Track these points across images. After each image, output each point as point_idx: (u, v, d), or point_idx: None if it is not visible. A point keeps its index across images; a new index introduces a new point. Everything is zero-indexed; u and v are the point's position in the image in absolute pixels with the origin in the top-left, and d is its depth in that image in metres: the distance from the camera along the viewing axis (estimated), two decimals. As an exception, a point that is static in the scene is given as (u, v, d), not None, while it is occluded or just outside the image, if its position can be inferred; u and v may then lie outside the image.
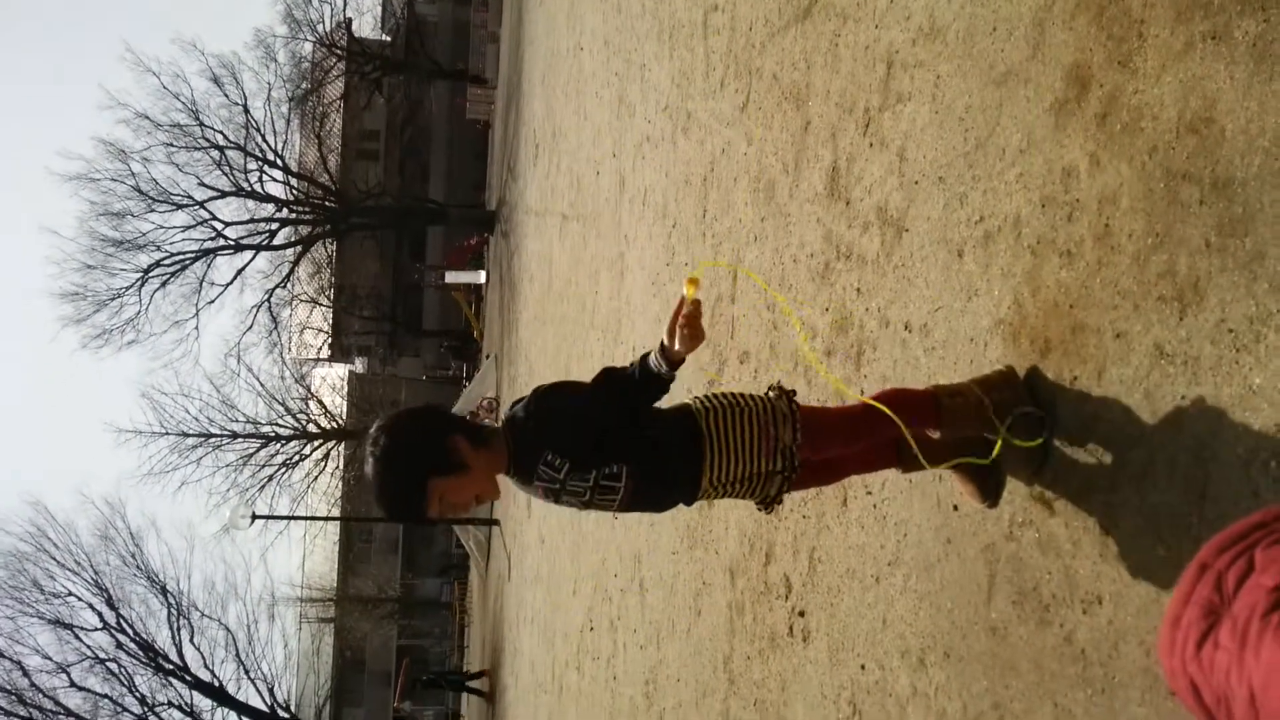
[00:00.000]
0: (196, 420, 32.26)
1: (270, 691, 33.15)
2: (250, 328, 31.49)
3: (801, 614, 3.47)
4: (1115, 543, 1.98)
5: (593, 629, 7.43)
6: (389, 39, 38.04)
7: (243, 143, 30.95)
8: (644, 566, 5.94)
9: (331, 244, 33.96)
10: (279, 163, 31.85)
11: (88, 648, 29.83)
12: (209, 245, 31.14)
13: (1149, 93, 1.97)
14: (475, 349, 30.51)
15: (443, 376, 37.80)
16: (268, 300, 31.72)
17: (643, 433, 2.19)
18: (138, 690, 30.40)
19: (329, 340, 36.45)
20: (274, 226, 32.02)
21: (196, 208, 30.66)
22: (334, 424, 35.55)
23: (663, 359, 2.08)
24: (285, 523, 30.36)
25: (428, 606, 41.51)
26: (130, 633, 30.47)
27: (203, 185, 30.46)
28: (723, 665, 4.25)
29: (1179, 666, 0.90)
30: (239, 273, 31.38)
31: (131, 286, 30.35)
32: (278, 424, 34.01)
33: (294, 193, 32.61)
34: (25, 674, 28.74)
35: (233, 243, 31.34)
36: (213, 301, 31.26)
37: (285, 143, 32.25)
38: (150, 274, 30.45)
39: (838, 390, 3.45)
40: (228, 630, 32.45)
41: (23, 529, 29.76)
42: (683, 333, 2.03)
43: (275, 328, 32.47)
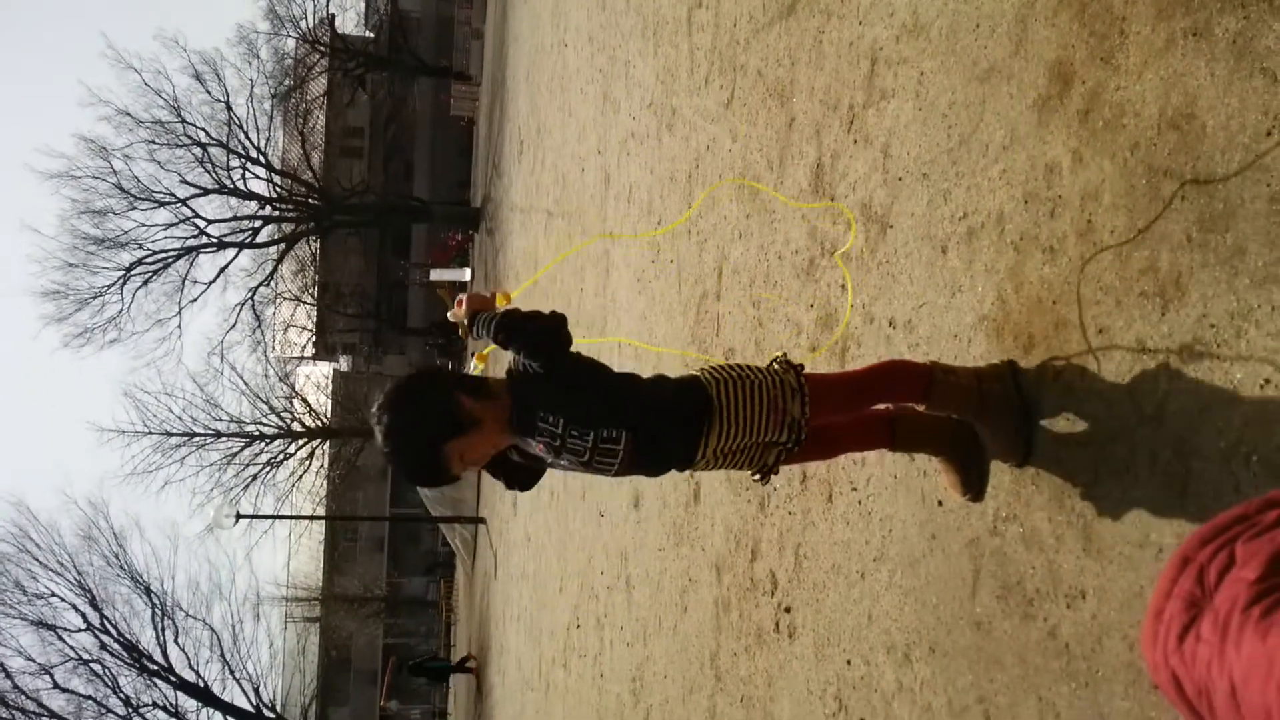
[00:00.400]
0: (180, 419, 32.00)
1: (256, 691, 33.03)
2: (233, 326, 31.28)
3: (787, 610, 3.47)
4: (1098, 537, 1.99)
5: (579, 626, 7.43)
6: (372, 35, 37.84)
7: (225, 140, 30.71)
8: (630, 564, 5.94)
9: (315, 241, 33.75)
10: (262, 160, 31.62)
11: (71, 649, 29.65)
12: (191, 243, 30.89)
13: (1131, 89, 1.98)
14: (460, 346, 30.41)
15: (428, 374, 37.49)
16: (251, 298, 31.51)
17: (645, 397, 2.21)
18: (122, 691, 30.24)
19: (313, 338, 36.24)
20: (257, 224, 31.79)
21: (179, 205, 30.39)
22: (318, 423, 35.37)
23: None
24: (270, 522, 30.22)
25: (414, 605, 41.44)
26: (114, 633, 30.27)
27: (185, 183, 30.21)
28: (709, 662, 4.25)
29: (1161, 659, 0.90)
30: (222, 271, 31.19)
31: (113, 285, 30.09)
32: (262, 423, 33.79)
33: (277, 190, 32.38)
34: (8, 675, 28.55)
35: (215, 240, 31.10)
36: (195, 300, 31.04)
37: (268, 140, 32.02)
38: (132, 272, 30.19)
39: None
40: (212, 630, 32.31)
41: (4, 529, 29.54)
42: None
43: (259, 326, 32.27)
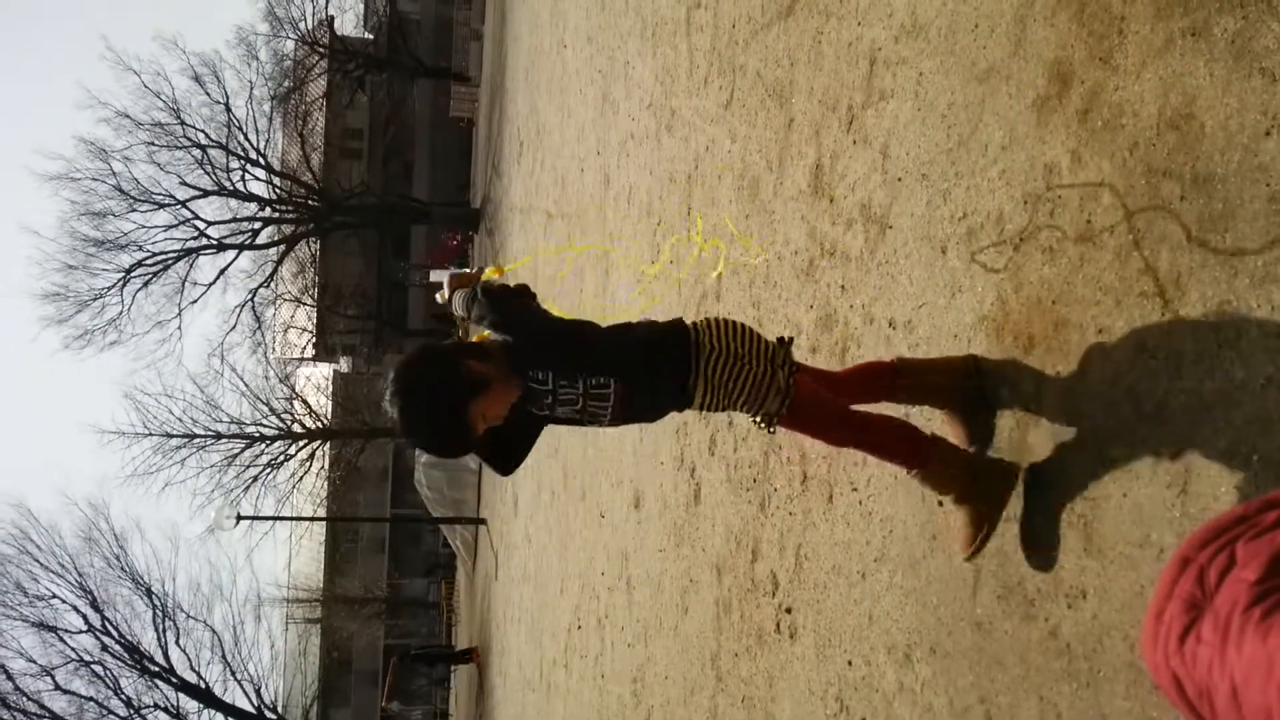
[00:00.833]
0: (180, 421, 31.99)
1: (257, 693, 33.01)
2: (234, 328, 31.28)
3: (788, 611, 3.47)
4: (1099, 537, 1.99)
5: (580, 627, 7.43)
6: (371, 37, 37.82)
7: (225, 141, 30.71)
8: (631, 564, 5.94)
9: (315, 243, 33.75)
10: (261, 161, 31.62)
11: (72, 650, 29.62)
12: (191, 245, 30.91)
13: (1130, 89, 1.98)
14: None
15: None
16: (251, 300, 31.51)
17: (631, 343, 2.30)
18: (123, 693, 30.21)
19: (313, 340, 36.22)
20: (257, 226, 31.80)
21: (178, 207, 30.41)
22: (319, 424, 35.34)
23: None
24: (270, 523, 30.18)
25: (414, 606, 41.41)
26: (115, 635, 30.24)
27: (185, 184, 30.22)
28: (710, 662, 4.25)
29: (1162, 661, 0.90)
30: (222, 272, 31.19)
31: (113, 287, 30.10)
32: (262, 424, 33.78)
33: (277, 192, 32.40)
34: (9, 677, 28.50)
35: (215, 242, 31.12)
36: (195, 301, 31.06)
37: (268, 141, 32.03)
38: (132, 274, 30.20)
39: None
40: (214, 632, 32.28)
41: (5, 531, 29.52)
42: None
43: (259, 327, 32.27)
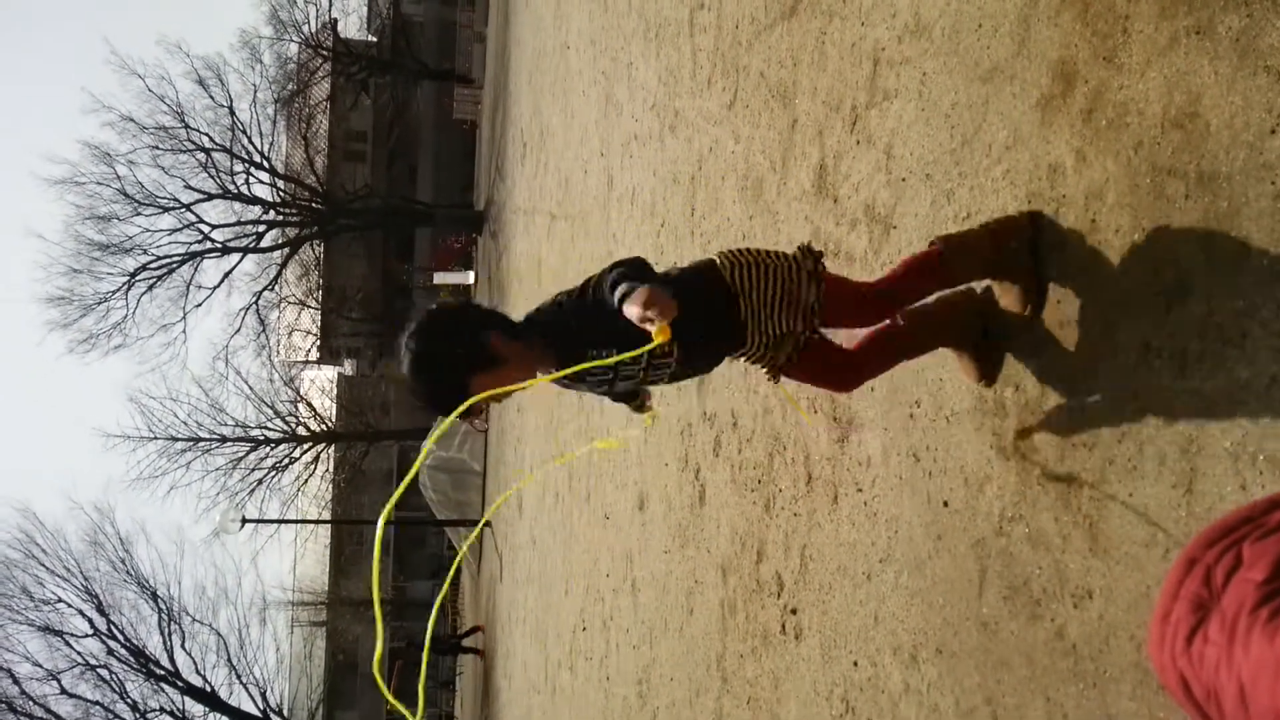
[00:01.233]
0: (185, 424, 32.07)
1: (263, 695, 33.04)
2: (238, 331, 31.39)
3: (794, 611, 3.47)
4: (1104, 537, 1.99)
5: (585, 629, 7.42)
6: (375, 39, 37.88)
7: (229, 145, 30.79)
8: (636, 566, 5.94)
9: (319, 246, 33.82)
10: (265, 165, 31.70)
11: (78, 654, 29.65)
12: (196, 248, 31.00)
13: (1134, 88, 1.98)
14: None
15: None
16: (255, 303, 31.62)
17: (682, 301, 2.06)
18: (129, 697, 30.24)
19: (317, 342, 36.28)
20: (261, 229, 31.87)
21: (183, 210, 30.50)
22: (323, 427, 35.39)
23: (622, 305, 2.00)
24: (275, 526, 30.19)
25: (419, 608, 41.42)
26: (121, 639, 30.30)
27: (189, 188, 30.31)
28: (715, 664, 4.25)
29: (1169, 661, 0.90)
30: (226, 275, 31.29)
31: (118, 290, 30.19)
32: (267, 427, 33.85)
33: (281, 195, 32.47)
34: (15, 681, 28.55)
35: (220, 245, 31.20)
36: (200, 305, 31.17)
37: (271, 144, 32.13)
38: (137, 278, 30.28)
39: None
40: (219, 635, 32.32)
41: (11, 535, 29.58)
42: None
43: (263, 330, 32.37)
